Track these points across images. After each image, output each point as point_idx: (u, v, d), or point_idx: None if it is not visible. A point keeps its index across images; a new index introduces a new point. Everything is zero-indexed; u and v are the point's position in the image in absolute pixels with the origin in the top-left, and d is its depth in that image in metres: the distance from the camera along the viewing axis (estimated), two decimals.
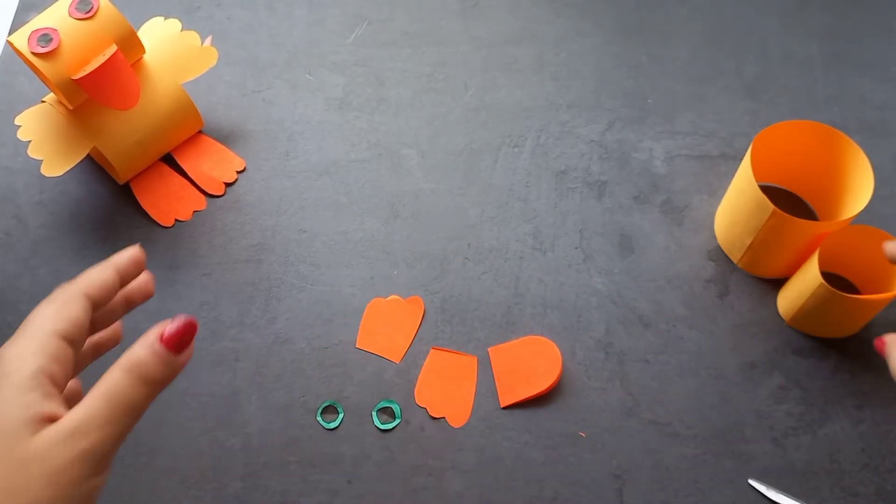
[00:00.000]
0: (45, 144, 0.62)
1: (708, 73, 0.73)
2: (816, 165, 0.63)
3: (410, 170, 0.68)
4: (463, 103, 0.71)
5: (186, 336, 0.36)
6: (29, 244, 0.65)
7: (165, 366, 0.36)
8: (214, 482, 0.57)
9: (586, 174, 0.68)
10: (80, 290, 0.38)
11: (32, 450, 0.33)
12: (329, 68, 0.73)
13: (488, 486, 0.57)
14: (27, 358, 0.35)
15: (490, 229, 0.66)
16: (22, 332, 0.36)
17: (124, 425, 0.35)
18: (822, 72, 0.73)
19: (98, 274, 0.39)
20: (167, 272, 0.64)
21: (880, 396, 0.60)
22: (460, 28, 0.75)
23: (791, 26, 0.75)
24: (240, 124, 0.70)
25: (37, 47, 0.58)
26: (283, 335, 0.61)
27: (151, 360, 0.36)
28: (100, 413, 0.34)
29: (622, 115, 0.71)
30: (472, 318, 0.62)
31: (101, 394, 0.35)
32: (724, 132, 0.70)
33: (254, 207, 0.67)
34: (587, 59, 0.73)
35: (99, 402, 0.35)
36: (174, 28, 0.67)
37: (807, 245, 0.60)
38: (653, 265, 0.64)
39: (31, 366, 0.35)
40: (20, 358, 0.35)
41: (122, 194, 0.67)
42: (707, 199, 0.67)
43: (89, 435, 0.34)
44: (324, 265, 0.64)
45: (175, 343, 0.36)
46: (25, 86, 0.71)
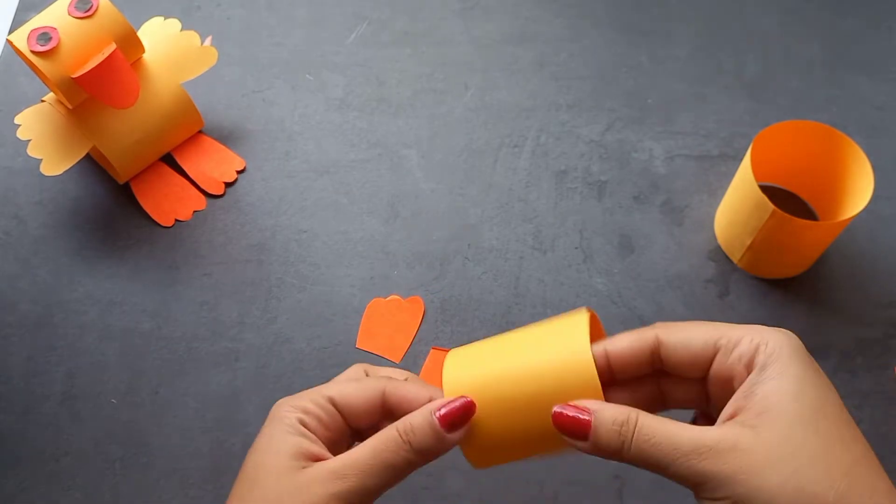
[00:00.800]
0: (45, 144, 0.62)
1: (708, 73, 0.73)
2: (816, 165, 0.63)
3: (410, 170, 0.68)
4: (463, 103, 0.71)
5: (462, 418, 0.37)
6: (29, 244, 0.65)
7: (436, 439, 0.37)
8: (214, 482, 0.57)
9: (586, 174, 0.68)
10: (381, 384, 0.40)
11: (296, 482, 0.36)
12: (329, 68, 0.73)
13: (488, 486, 0.57)
14: (297, 406, 0.39)
15: (490, 229, 0.66)
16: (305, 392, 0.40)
17: (381, 480, 0.37)
18: (822, 72, 0.73)
19: (411, 388, 0.40)
20: (167, 272, 0.64)
21: (880, 396, 0.60)
22: (460, 28, 0.75)
23: (791, 26, 0.75)
24: (240, 124, 0.70)
25: (36, 46, 0.58)
26: (283, 335, 0.61)
27: (425, 430, 0.37)
28: (362, 463, 0.37)
29: (622, 115, 0.71)
30: (472, 318, 0.62)
31: (370, 447, 0.37)
32: (724, 132, 0.70)
33: (254, 207, 0.67)
34: (587, 59, 0.73)
35: (365, 453, 0.37)
36: (174, 28, 0.67)
37: (807, 245, 0.60)
38: (653, 265, 0.64)
39: (294, 412, 0.39)
40: (292, 407, 0.39)
41: (122, 194, 0.67)
42: (707, 199, 0.67)
43: (346, 479, 0.36)
44: (324, 265, 0.64)
45: (449, 422, 0.37)
46: (25, 85, 0.71)
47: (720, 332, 0.36)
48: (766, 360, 0.34)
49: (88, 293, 0.63)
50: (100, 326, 0.62)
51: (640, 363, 0.38)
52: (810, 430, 0.33)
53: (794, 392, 0.33)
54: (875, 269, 0.64)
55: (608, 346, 0.38)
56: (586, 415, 0.36)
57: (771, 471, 0.32)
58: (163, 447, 0.58)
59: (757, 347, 0.35)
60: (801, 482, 0.32)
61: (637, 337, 0.38)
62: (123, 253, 0.65)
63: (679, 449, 0.34)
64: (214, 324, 0.62)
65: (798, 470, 0.32)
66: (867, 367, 0.61)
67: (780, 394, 0.33)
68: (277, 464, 0.37)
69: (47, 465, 0.57)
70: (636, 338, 0.38)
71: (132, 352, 0.61)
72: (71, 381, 0.60)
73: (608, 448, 0.35)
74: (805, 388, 0.33)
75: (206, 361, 0.61)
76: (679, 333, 0.37)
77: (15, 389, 0.60)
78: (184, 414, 0.59)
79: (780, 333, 0.36)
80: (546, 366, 0.38)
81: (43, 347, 0.61)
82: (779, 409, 0.33)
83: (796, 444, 0.33)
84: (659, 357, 0.38)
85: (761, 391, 0.34)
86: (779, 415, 0.33)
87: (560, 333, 0.39)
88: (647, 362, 0.38)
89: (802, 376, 0.34)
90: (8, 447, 0.58)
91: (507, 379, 0.38)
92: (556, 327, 0.40)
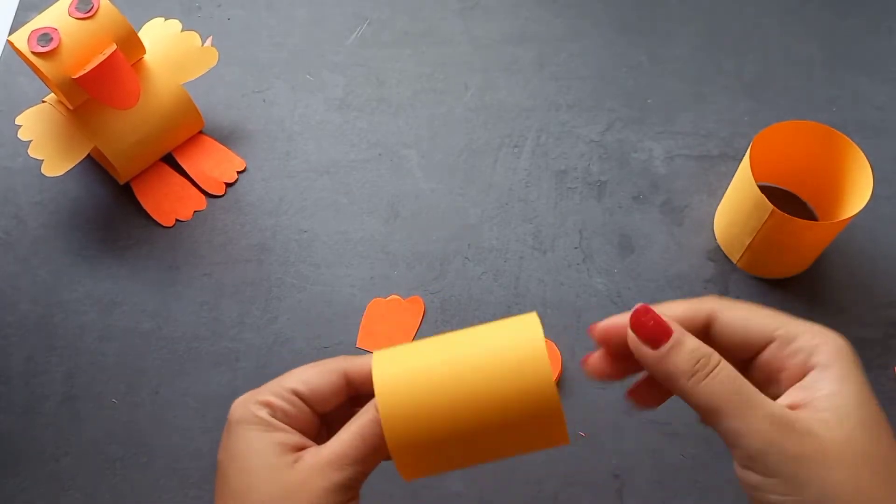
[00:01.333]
0: (46, 144, 0.62)
1: (708, 73, 0.73)
2: (816, 165, 0.63)
3: (410, 170, 0.68)
4: (463, 103, 0.71)
5: None
6: (29, 244, 0.65)
7: None
8: (214, 482, 0.57)
9: (586, 174, 0.68)
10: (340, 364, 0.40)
11: (294, 479, 0.36)
12: (329, 68, 0.73)
13: (488, 486, 0.57)
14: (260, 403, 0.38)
15: (490, 229, 0.66)
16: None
17: (373, 463, 0.38)
18: (822, 72, 0.73)
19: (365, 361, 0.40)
20: (167, 272, 0.64)
21: (880, 396, 0.59)
22: (460, 28, 0.75)
23: (791, 26, 0.75)
24: (240, 124, 0.70)
25: (37, 47, 0.58)
26: (283, 335, 0.61)
27: None
28: (354, 451, 0.37)
29: (622, 115, 0.71)
30: (472, 318, 0.62)
31: (358, 433, 0.37)
32: (724, 132, 0.70)
33: (254, 207, 0.67)
34: (587, 59, 0.73)
35: (354, 440, 0.37)
36: (174, 28, 0.67)
37: (806, 245, 0.60)
38: (653, 265, 0.64)
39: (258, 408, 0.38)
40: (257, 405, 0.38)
41: (123, 194, 0.67)
42: (707, 199, 0.67)
43: (344, 469, 0.37)
44: (324, 265, 0.64)
45: None
46: (26, 86, 0.71)
47: (780, 321, 0.37)
48: (829, 360, 0.35)
49: (88, 293, 0.63)
50: (100, 326, 0.62)
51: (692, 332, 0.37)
52: (874, 437, 0.33)
53: (859, 398, 0.34)
54: (875, 269, 0.64)
55: (664, 309, 0.37)
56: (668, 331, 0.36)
57: (837, 465, 0.32)
58: (163, 447, 0.58)
59: (818, 346, 0.35)
60: (862, 483, 0.32)
61: (691, 307, 0.38)
62: (123, 253, 0.65)
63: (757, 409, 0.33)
64: (214, 324, 0.62)
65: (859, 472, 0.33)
66: (867, 367, 0.60)
67: (846, 396, 0.34)
68: (266, 464, 0.37)
69: (47, 465, 0.57)
70: (690, 307, 0.38)
71: (132, 352, 0.61)
72: (71, 381, 0.60)
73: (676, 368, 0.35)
74: (868, 397, 0.35)
75: (206, 361, 0.61)
76: (738, 312, 0.37)
77: (15, 389, 0.60)
78: (184, 414, 0.59)
79: (839, 337, 0.36)
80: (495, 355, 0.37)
81: (43, 347, 0.61)
82: (845, 410, 0.34)
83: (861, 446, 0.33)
84: (708, 331, 0.38)
85: (827, 389, 0.34)
86: (846, 416, 0.33)
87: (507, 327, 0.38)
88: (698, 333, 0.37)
89: (863, 384, 0.35)
90: (8, 447, 0.58)
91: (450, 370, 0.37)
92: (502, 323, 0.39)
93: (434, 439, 0.37)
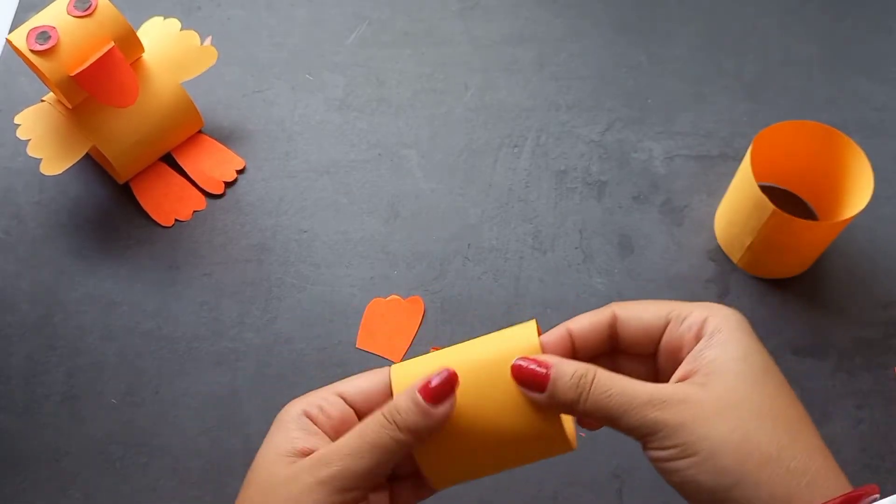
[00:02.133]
0: (45, 143, 0.62)
1: (708, 73, 0.73)
2: (816, 165, 0.63)
3: (410, 170, 0.68)
4: (463, 103, 0.71)
5: (444, 389, 0.38)
6: (29, 244, 0.65)
7: (422, 415, 0.37)
8: (214, 482, 0.57)
9: (586, 174, 0.68)
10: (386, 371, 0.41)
11: (282, 476, 0.37)
12: (329, 68, 0.73)
13: (488, 486, 0.57)
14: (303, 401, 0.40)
15: (490, 229, 0.66)
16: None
17: (369, 461, 0.37)
18: (822, 72, 0.73)
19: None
20: (167, 272, 0.64)
21: (880, 396, 0.60)
22: (460, 28, 0.75)
23: (791, 26, 0.75)
24: (240, 124, 0.70)
25: (35, 45, 0.58)
26: (283, 335, 0.61)
27: (409, 407, 0.37)
28: (347, 447, 0.37)
29: (622, 115, 0.71)
30: (472, 318, 0.62)
31: (356, 431, 0.38)
32: (724, 132, 0.70)
33: (254, 207, 0.67)
34: (587, 59, 0.73)
35: (351, 437, 0.38)
36: (174, 27, 0.67)
37: (806, 245, 0.60)
38: (653, 265, 0.64)
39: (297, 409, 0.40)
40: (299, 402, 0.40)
41: (122, 194, 0.67)
42: (707, 199, 0.67)
43: (331, 465, 0.37)
44: (324, 265, 0.64)
45: (432, 394, 0.38)
46: (25, 85, 0.71)
47: (671, 306, 0.39)
48: (714, 329, 0.37)
49: (88, 293, 0.63)
50: (100, 326, 0.62)
51: (600, 339, 0.40)
52: (757, 387, 0.35)
53: (740, 355, 0.36)
54: (875, 269, 0.64)
55: (570, 325, 0.40)
56: (545, 368, 0.37)
57: (718, 419, 0.34)
58: (163, 447, 0.58)
59: (706, 319, 0.37)
60: (747, 432, 0.34)
61: (594, 316, 0.40)
62: (123, 253, 0.65)
63: (634, 401, 0.36)
64: (214, 324, 0.62)
65: (744, 421, 0.34)
66: (867, 367, 0.61)
67: (727, 356, 0.36)
68: (270, 460, 0.38)
69: (47, 465, 0.57)
70: (595, 315, 0.40)
71: (132, 352, 0.61)
72: (71, 381, 0.60)
73: (565, 399, 0.37)
74: (751, 353, 0.36)
75: (206, 361, 0.61)
76: (633, 308, 0.40)
77: (15, 389, 0.60)
78: (184, 414, 0.59)
79: (728, 309, 0.38)
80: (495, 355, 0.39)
81: (43, 347, 0.61)
82: (726, 368, 0.36)
83: (742, 397, 0.35)
84: (616, 332, 0.40)
85: (710, 355, 0.36)
86: (726, 373, 0.36)
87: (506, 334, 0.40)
88: (606, 338, 0.40)
89: (748, 343, 0.37)
90: (8, 447, 0.58)
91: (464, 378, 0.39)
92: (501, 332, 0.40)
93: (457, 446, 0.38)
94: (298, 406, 0.40)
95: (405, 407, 0.37)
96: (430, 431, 0.38)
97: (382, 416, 0.38)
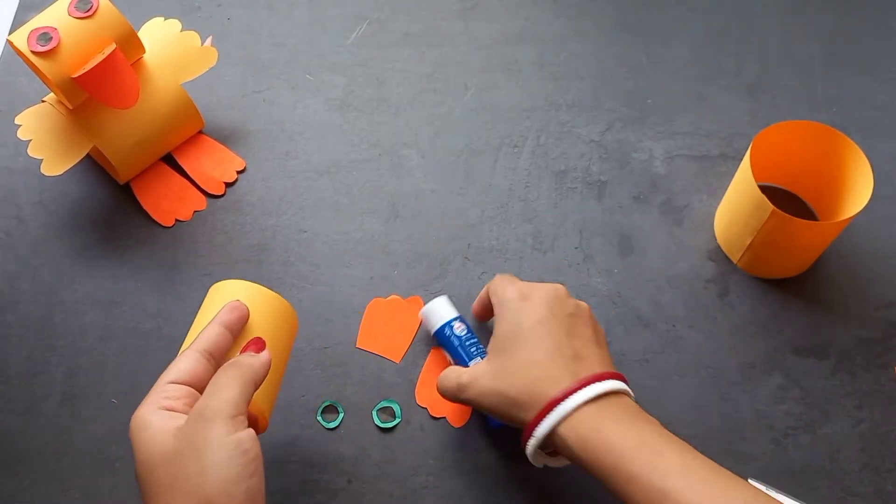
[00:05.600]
0: (45, 144, 0.62)
1: (708, 73, 0.73)
2: (816, 165, 0.63)
3: (410, 170, 0.68)
4: (463, 103, 0.71)
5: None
6: (29, 244, 0.65)
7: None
8: None
9: (586, 174, 0.68)
10: (196, 346, 0.47)
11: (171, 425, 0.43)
12: (329, 68, 0.73)
13: (488, 486, 0.57)
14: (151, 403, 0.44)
15: (490, 229, 0.66)
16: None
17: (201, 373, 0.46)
18: (822, 72, 0.73)
19: (210, 332, 0.47)
20: (167, 272, 0.64)
21: (880, 396, 0.60)
22: (460, 28, 0.75)
23: (791, 26, 0.75)
24: (240, 124, 0.70)
25: (36, 46, 0.58)
26: None
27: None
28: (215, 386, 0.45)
29: (622, 115, 0.71)
30: (471, 317, 0.62)
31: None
32: (724, 132, 0.70)
33: (254, 207, 0.67)
34: (587, 59, 0.73)
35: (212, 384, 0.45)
36: (174, 28, 0.67)
37: (806, 245, 0.60)
38: (653, 265, 0.64)
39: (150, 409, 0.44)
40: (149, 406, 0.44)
41: (123, 194, 0.67)
42: (707, 199, 0.67)
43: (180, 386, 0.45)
44: (324, 265, 0.64)
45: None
46: (26, 86, 0.71)
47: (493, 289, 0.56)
48: (496, 311, 0.54)
49: (88, 293, 0.63)
50: (100, 326, 0.62)
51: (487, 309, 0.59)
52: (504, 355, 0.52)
53: (500, 335, 0.52)
54: (875, 269, 0.64)
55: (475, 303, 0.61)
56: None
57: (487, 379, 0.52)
58: None
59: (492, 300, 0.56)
60: (497, 385, 0.51)
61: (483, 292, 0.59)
62: (123, 253, 0.65)
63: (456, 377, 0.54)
64: None
65: (496, 379, 0.51)
66: (867, 367, 0.61)
67: (496, 337, 0.53)
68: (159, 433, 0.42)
69: (47, 465, 0.57)
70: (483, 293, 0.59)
71: (132, 352, 0.61)
72: (71, 381, 0.60)
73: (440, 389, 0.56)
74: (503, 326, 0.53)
75: None
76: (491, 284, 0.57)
77: (15, 389, 0.60)
78: None
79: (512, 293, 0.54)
80: None
81: (43, 347, 0.61)
82: (494, 348, 0.53)
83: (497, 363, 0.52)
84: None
85: (491, 338, 0.54)
86: (494, 351, 0.53)
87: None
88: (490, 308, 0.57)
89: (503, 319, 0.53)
90: (8, 447, 0.58)
91: None
92: None
93: None
94: (149, 408, 0.44)
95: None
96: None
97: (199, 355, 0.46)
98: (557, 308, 0.52)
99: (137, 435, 0.43)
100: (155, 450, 0.42)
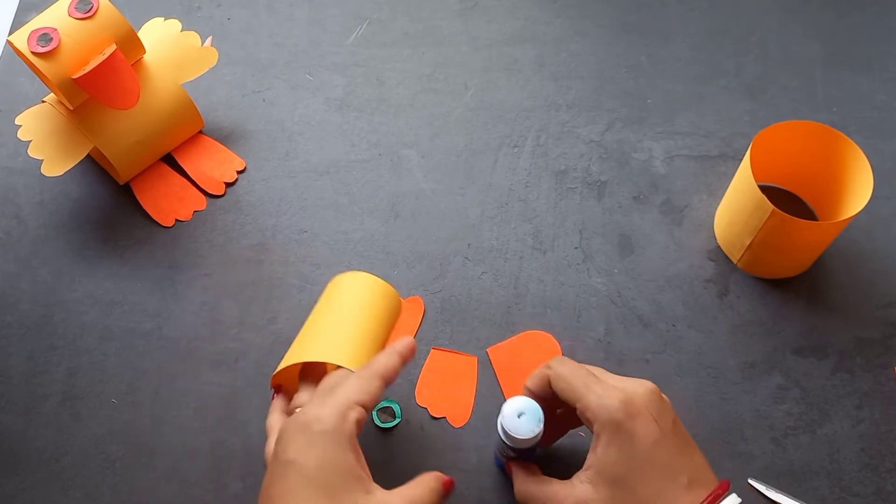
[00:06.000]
0: (46, 144, 0.62)
1: (708, 73, 0.73)
2: (816, 165, 0.63)
3: (410, 170, 0.68)
4: (463, 103, 0.71)
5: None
6: (29, 244, 0.65)
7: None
8: (214, 482, 0.57)
9: (586, 174, 0.68)
10: (376, 371, 0.48)
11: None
12: (329, 68, 0.73)
13: (488, 486, 0.57)
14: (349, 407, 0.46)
15: (490, 229, 0.66)
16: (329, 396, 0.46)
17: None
18: (822, 72, 0.73)
19: (388, 359, 0.48)
20: (167, 272, 0.64)
21: (880, 396, 0.60)
22: (460, 28, 0.75)
23: (791, 26, 0.75)
24: (240, 124, 0.70)
25: (36, 47, 0.58)
26: (283, 335, 0.61)
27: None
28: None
29: (622, 115, 0.71)
30: (472, 318, 0.62)
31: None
32: (724, 132, 0.70)
33: (254, 207, 0.67)
34: (587, 59, 0.73)
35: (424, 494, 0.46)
36: (174, 28, 0.67)
37: (806, 245, 0.60)
38: (653, 265, 0.64)
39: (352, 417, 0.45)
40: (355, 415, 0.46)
41: (123, 194, 0.67)
42: (707, 199, 0.67)
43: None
44: (324, 265, 0.64)
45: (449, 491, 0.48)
46: (26, 86, 0.71)
47: (580, 392, 0.49)
48: (599, 430, 0.48)
49: (88, 293, 0.63)
50: (100, 326, 0.62)
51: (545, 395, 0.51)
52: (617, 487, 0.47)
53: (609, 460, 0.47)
54: (874, 269, 0.64)
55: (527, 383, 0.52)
56: None
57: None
58: (163, 447, 0.58)
59: (596, 418, 0.48)
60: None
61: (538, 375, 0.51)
62: (123, 253, 0.65)
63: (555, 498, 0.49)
64: (214, 324, 0.62)
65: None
66: (867, 367, 0.61)
67: (603, 459, 0.47)
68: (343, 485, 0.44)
69: (47, 465, 0.57)
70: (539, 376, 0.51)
71: (132, 352, 0.61)
72: (71, 381, 0.60)
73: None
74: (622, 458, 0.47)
75: (206, 361, 0.61)
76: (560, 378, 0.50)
77: (15, 389, 0.60)
78: (184, 414, 0.59)
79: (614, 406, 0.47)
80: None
81: (43, 347, 0.61)
82: (599, 469, 0.47)
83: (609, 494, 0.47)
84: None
85: (595, 458, 0.48)
86: (600, 473, 0.47)
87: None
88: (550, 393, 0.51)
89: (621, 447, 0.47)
90: (8, 447, 0.58)
91: None
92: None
93: None
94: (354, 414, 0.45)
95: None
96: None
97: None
98: (662, 419, 0.48)
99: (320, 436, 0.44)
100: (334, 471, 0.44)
